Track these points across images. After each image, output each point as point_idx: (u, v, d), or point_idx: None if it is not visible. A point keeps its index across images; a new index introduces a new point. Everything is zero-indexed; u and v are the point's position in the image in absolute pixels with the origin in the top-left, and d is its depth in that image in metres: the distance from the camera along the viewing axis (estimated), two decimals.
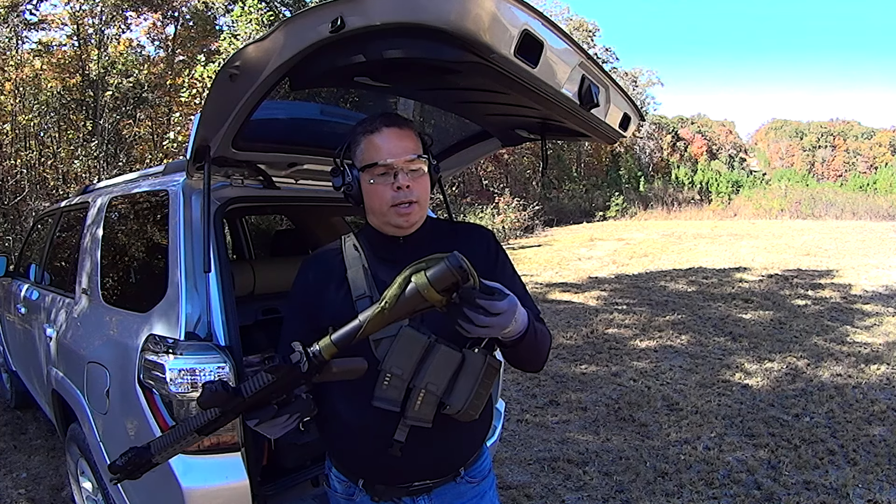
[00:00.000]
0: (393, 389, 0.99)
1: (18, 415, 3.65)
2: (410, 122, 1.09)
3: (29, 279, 3.23)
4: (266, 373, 0.87)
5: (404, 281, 0.85)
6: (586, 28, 21.71)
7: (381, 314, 0.85)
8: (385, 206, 1.04)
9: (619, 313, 6.10)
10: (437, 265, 0.83)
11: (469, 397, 0.99)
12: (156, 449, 0.91)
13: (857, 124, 35.63)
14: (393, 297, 0.85)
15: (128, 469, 0.91)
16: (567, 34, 1.12)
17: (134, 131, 10.14)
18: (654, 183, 24.54)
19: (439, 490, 1.13)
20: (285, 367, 0.87)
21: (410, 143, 1.05)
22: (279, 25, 1.07)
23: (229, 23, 9.95)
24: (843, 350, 4.69)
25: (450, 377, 0.99)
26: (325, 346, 0.88)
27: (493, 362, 1.02)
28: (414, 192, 1.04)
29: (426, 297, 0.84)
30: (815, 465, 2.80)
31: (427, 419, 1.00)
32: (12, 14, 8.85)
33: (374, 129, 1.05)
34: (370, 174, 1.04)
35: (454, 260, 0.83)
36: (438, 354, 0.99)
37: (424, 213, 1.10)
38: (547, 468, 2.84)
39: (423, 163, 1.06)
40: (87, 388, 1.90)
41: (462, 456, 1.15)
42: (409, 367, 0.98)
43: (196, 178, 1.64)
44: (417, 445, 1.04)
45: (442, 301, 0.86)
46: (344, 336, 0.87)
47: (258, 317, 2.63)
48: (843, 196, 22.31)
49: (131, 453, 0.91)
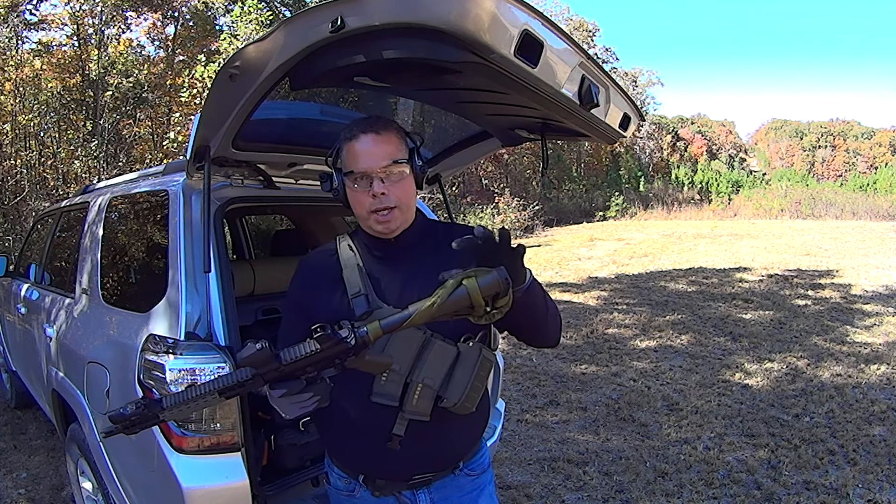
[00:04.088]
0: (391, 384, 1.01)
1: (18, 415, 3.65)
2: (392, 125, 1.08)
3: (29, 279, 3.23)
4: (314, 341, 0.87)
5: (457, 283, 0.88)
6: (586, 28, 21.70)
7: (429, 308, 0.88)
8: (364, 211, 1.06)
9: (619, 313, 6.10)
10: (488, 274, 0.88)
11: (465, 390, 1.03)
12: (168, 403, 0.90)
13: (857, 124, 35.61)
14: (444, 295, 0.88)
15: (131, 420, 0.90)
16: (567, 34, 1.12)
17: (134, 131, 10.15)
18: (654, 183, 24.54)
19: (439, 483, 1.14)
20: (332, 339, 0.88)
21: (389, 147, 1.05)
22: (279, 25, 1.07)
23: (229, 23, 9.96)
24: (843, 350, 4.69)
25: (446, 371, 1.03)
26: (372, 328, 0.89)
27: (488, 355, 1.06)
28: (391, 198, 1.04)
29: (473, 299, 0.88)
30: (815, 465, 2.80)
31: (425, 413, 1.03)
32: (12, 14, 8.85)
33: (352, 135, 1.06)
34: (350, 181, 1.06)
35: (503, 273, 0.88)
36: (434, 349, 1.02)
37: (408, 216, 1.10)
38: (547, 468, 2.84)
39: (402, 167, 1.06)
40: (87, 388, 1.90)
41: (461, 449, 1.16)
42: (406, 362, 1.01)
43: (196, 178, 1.64)
44: (416, 439, 1.06)
45: (482, 307, 0.89)
46: (392, 323, 0.90)
47: (258, 317, 2.63)
48: (843, 196, 22.31)
49: (142, 403, 0.90)
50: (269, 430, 1.88)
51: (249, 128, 1.39)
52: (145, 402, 0.90)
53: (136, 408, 0.89)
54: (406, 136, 1.10)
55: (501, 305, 0.90)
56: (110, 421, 0.92)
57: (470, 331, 1.07)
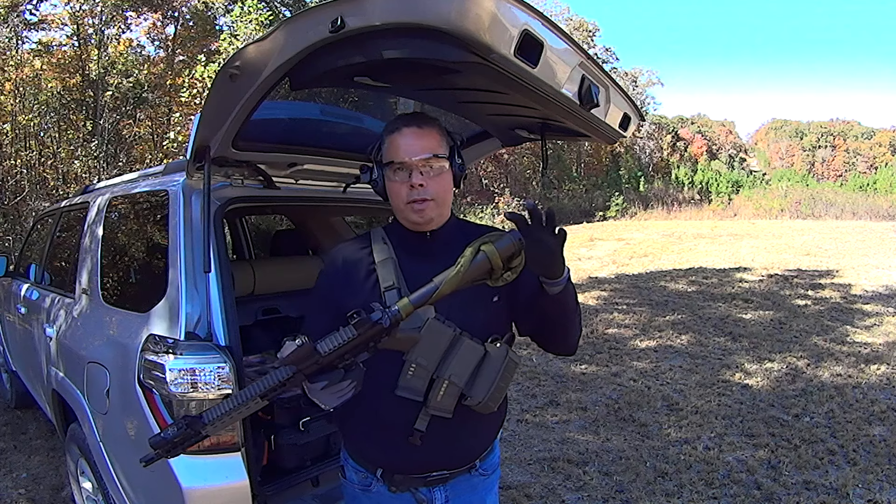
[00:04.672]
0: (417, 379, 1.03)
1: (18, 415, 3.65)
2: (434, 122, 1.12)
3: (29, 279, 3.23)
4: (352, 327, 0.89)
5: (475, 250, 0.93)
6: (586, 28, 21.69)
7: (455, 277, 0.92)
8: (401, 202, 1.10)
9: (619, 313, 6.10)
10: (503, 238, 0.93)
11: (490, 390, 1.04)
12: (210, 418, 0.89)
13: (857, 124, 35.61)
14: (467, 262, 0.92)
15: (174, 443, 0.89)
16: (567, 34, 1.12)
17: (134, 131, 10.14)
18: (654, 183, 24.51)
19: (455, 481, 1.15)
20: (369, 322, 0.89)
21: (430, 142, 1.09)
22: (279, 25, 1.07)
23: (229, 23, 9.94)
24: (843, 350, 4.69)
25: (472, 370, 1.04)
26: (403, 305, 0.92)
27: (514, 357, 1.08)
28: (428, 191, 1.08)
29: (492, 263, 0.92)
30: (815, 465, 2.80)
31: (448, 409, 1.04)
32: (12, 14, 8.84)
33: (395, 128, 1.10)
34: (390, 171, 1.09)
35: (516, 235, 0.93)
36: (463, 347, 1.04)
37: (444, 211, 1.13)
38: (547, 468, 2.84)
39: (441, 161, 1.09)
40: (87, 389, 1.90)
41: (478, 448, 1.18)
42: (434, 359, 1.02)
43: (196, 178, 1.64)
44: (437, 435, 1.07)
45: (501, 269, 0.93)
46: (421, 297, 0.92)
47: (258, 317, 2.63)
48: (843, 196, 22.29)
49: (182, 423, 0.89)
50: (269, 430, 1.88)
51: (249, 128, 1.39)
52: (186, 421, 0.90)
53: (178, 429, 0.89)
54: (448, 135, 1.14)
55: (516, 265, 0.94)
56: (152, 447, 0.91)
57: (497, 332, 1.09)
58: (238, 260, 3.60)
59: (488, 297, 1.10)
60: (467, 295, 0.98)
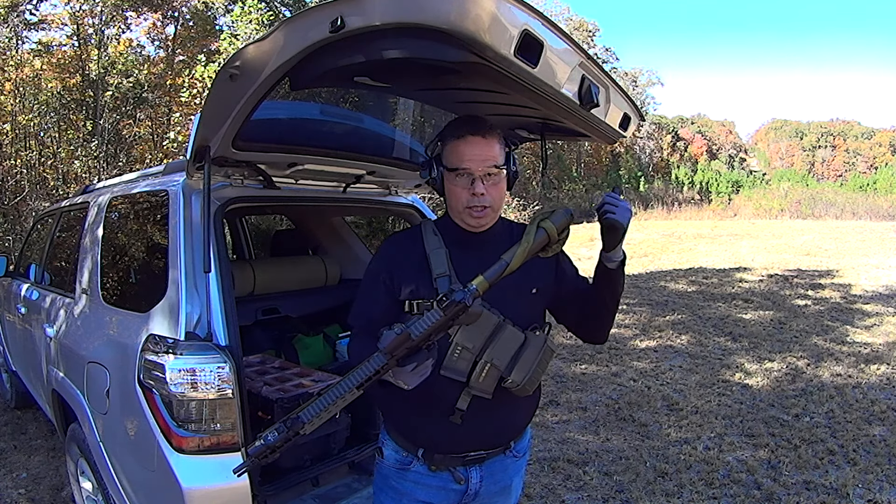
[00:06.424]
0: (462, 361, 1.10)
1: (18, 415, 3.65)
2: (496, 130, 1.16)
3: (29, 279, 3.23)
4: (439, 310, 0.94)
5: (535, 226, 1.04)
6: (586, 28, 21.71)
7: (522, 252, 1.01)
8: (461, 206, 1.16)
9: (619, 313, 6.05)
10: (556, 214, 1.07)
11: (529, 373, 1.11)
12: (309, 417, 0.92)
13: (857, 124, 35.65)
14: (531, 239, 1.02)
15: (275, 447, 0.90)
16: (567, 34, 1.12)
17: (134, 131, 10.13)
18: (654, 183, 24.54)
19: (490, 461, 1.22)
20: (455, 303, 0.94)
21: (493, 151, 1.14)
22: (279, 25, 1.07)
23: (229, 23, 9.93)
24: (843, 350, 4.69)
25: (513, 354, 1.11)
26: (479, 282, 0.98)
27: (551, 344, 1.15)
28: (488, 199, 1.14)
29: (550, 236, 1.04)
30: (815, 465, 2.80)
31: (489, 391, 1.11)
32: (12, 14, 8.84)
33: (460, 134, 1.14)
34: (452, 176, 1.15)
35: (568, 210, 1.08)
36: (506, 333, 1.11)
37: (497, 216, 1.21)
38: (547, 468, 2.84)
39: (501, 170, 1.16)
40: (87, 389, 1.90)
41: (514, 429, 1.26)
42: (479, 342, 1.09)
43: (196, 178, 1.64)
44: (476, 415, 1.14)
45: (556, 241, 1.05)
46: (493, 273, 0.99)
47: (258, 317, 2.63)
48: (843, 196, 22.30)
49: (284, 427, 0.90)
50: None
51: (249, 128, 1.39)
52: (287, 424, 0.91)
53: (280, 433, 0.91)
54: (505, 141, 1.18)
55: (563, 237, 1.07)
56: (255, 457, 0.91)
57: (534, 321, 1.17)
58: (238, 260, 3.61)
59: (527, 288, 1.19)
60: (509, 286, 1.05)
